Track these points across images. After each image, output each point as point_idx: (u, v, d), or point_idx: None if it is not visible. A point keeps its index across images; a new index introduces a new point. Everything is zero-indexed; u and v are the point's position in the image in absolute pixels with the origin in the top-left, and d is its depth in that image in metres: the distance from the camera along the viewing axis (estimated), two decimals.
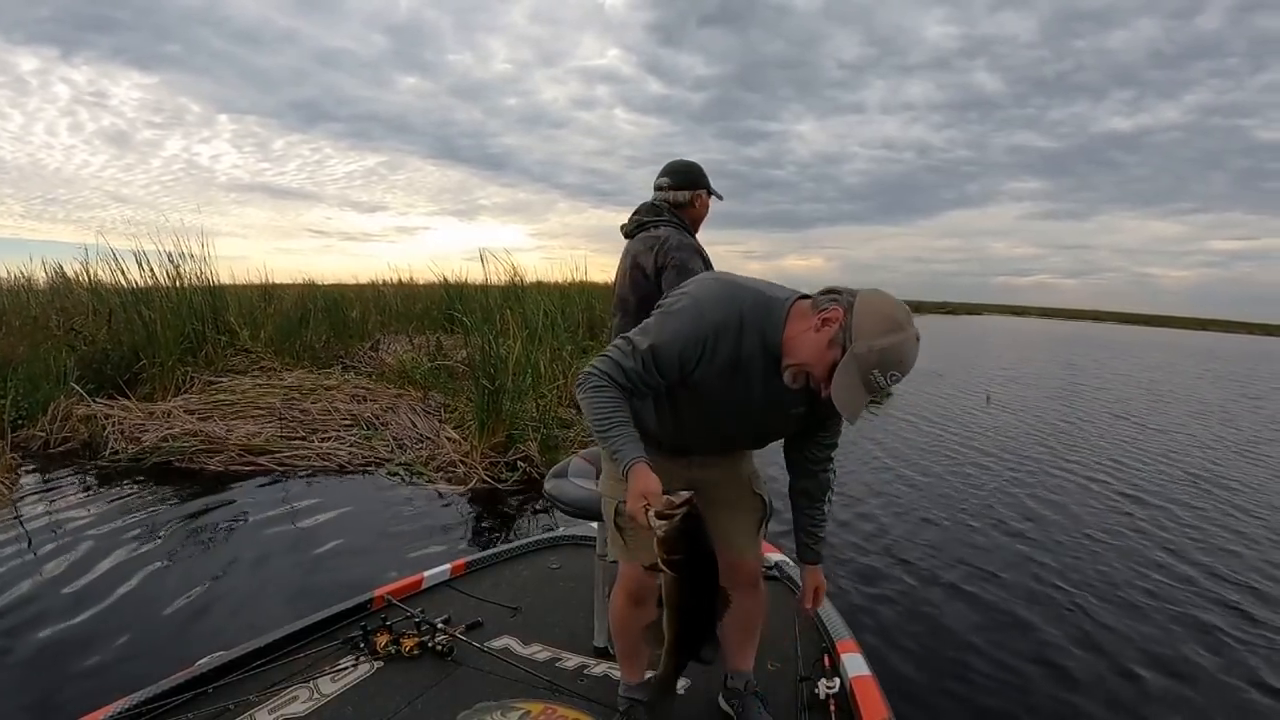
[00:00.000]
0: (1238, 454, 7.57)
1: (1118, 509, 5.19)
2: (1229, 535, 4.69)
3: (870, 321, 1.33)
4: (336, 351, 8.50)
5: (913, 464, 6.34)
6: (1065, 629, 3.29)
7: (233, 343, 7.53)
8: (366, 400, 6.43)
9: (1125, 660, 3.03)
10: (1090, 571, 3.96)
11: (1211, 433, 8.90)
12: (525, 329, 7.14)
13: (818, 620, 2.41)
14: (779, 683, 2.14)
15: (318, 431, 5.59)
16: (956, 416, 8.95)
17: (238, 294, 9.05)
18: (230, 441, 5.11)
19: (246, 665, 2.04)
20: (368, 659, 2.14)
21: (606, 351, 1.50)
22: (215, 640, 2.56)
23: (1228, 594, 3.72)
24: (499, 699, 1.97)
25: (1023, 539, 4.45)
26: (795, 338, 1.43)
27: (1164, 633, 3.29)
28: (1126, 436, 8.25)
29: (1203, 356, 28.07)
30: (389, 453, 5.40)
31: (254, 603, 3.09)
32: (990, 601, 3.54)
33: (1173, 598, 3.65)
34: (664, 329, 1.46)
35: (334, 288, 10.76)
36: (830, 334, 1.36)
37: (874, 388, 1.34)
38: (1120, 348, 30.03)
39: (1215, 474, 6.48)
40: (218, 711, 1.85)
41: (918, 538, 4.39)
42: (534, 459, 5.27)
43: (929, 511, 4.95)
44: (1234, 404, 12.56)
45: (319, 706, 1.91)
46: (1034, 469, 6.31)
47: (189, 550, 3.63)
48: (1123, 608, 3.53)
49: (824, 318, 1.37)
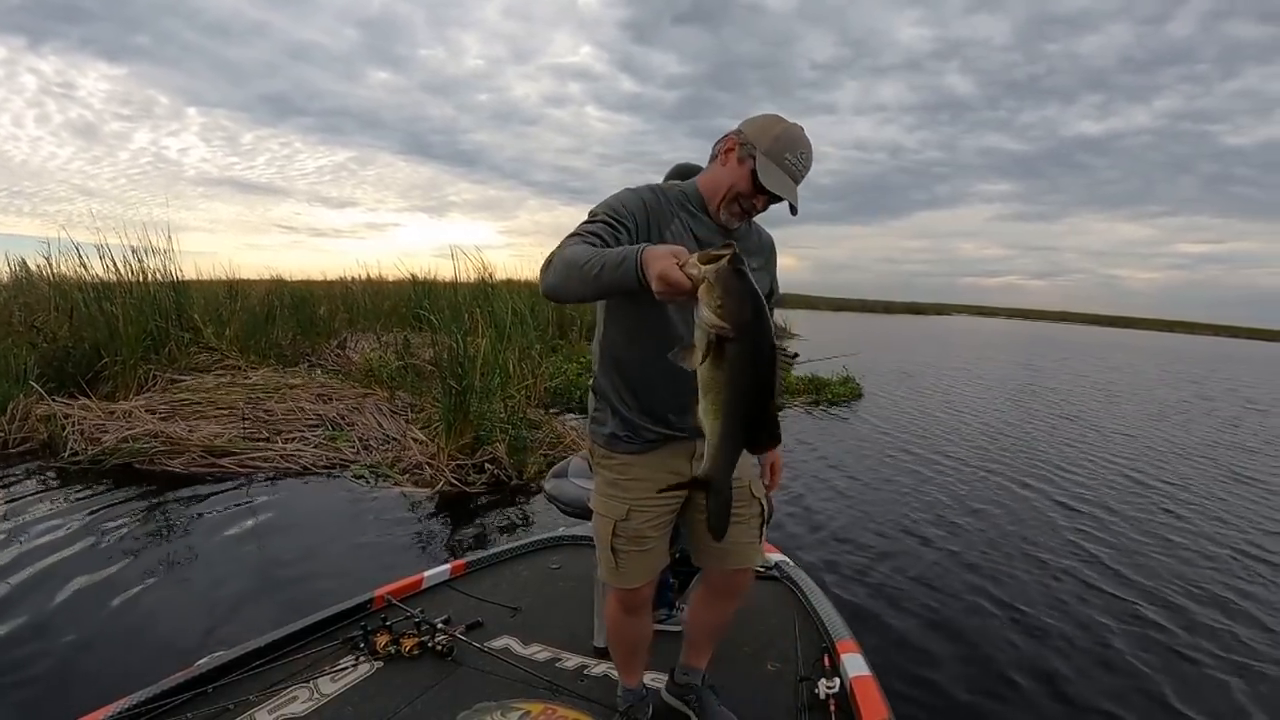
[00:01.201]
0: (1180, 455, 7.80)
1: (1108, 511, 5.36)
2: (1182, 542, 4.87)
3: (758, 127, 1.54)
4: (303, 349, 8.46)
5: (905, 466, 6.45)
6: (1064, 629, 3.33)
7: (196, 340, 7.45)
8: (332, 400, 6.41)
9: (1125, 660, 3.09)
10: (1091, 570, 4.07)
11: (1161, 434, 9.17)
12: (493, 327, 7.12)
13: (817, 620, 2.44)
14: (779, 683, 2.14)
15: (282, 432, 5.57)
16: (932, 418, 9.14)
17: (204, 290, 8.95)
18: (192, 442, 5.08)
19: (246, 665, 2.04)
20: (368, 659, 2.15)
21: (578, 228, 1.48)
22: (170, 650, 2.59)
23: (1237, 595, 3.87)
24: (499, 699, 1.98)
25: (1022, 538, 4.54)
26: (710, 179, 1.60)
27: (1163, 634, 3.36)
28: (1072, 438, 8.48)
29: (1166, 358, 28.78)
30: (354, 454, 5.39)
31: (213, 611, 3.06)
32: (990, 602, 3.58)
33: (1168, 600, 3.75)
34: (603, 203, 1.54)
35: (302, 284, 10.68)
36: (735, 155, 1.54)
37: (794, 173, 1.52)
38: (1082, 348, 30.69)
39: (1153, 475, 6.69)
40: (217, 711, 1.85)
41: (918, 538, 4.46)
42: (502, 461, 5.25)
43: (928, 512, 5.02)
44: (1189, 405, 12.92)
45: (319, 706, 1.92)
46: (1031, 467, 6.48)
47: (146, 556, 3.60)
48: (1121, 607, 3.61)
49: (724, 150, 1.57)
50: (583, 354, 9.50)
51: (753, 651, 2.33)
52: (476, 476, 5.05)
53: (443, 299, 9.23)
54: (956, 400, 11.23)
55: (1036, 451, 7.44)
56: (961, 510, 5.15)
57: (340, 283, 12.04)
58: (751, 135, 1.53)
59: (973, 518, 4.99)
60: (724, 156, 1.56)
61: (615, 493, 1.67)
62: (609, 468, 1.69)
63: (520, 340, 7.47)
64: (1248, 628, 3.46)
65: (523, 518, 4.54)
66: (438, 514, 4.48)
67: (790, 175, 1.52)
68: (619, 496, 1.66)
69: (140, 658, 2.61)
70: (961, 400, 11.28)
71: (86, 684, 2.44)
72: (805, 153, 1.54)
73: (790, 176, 1.52)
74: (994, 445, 7.65)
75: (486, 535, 4.22)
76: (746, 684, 2.13)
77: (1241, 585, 4.01)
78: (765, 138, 1.52)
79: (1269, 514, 5.56)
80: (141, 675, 1.92)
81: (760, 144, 1.52)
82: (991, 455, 7.11)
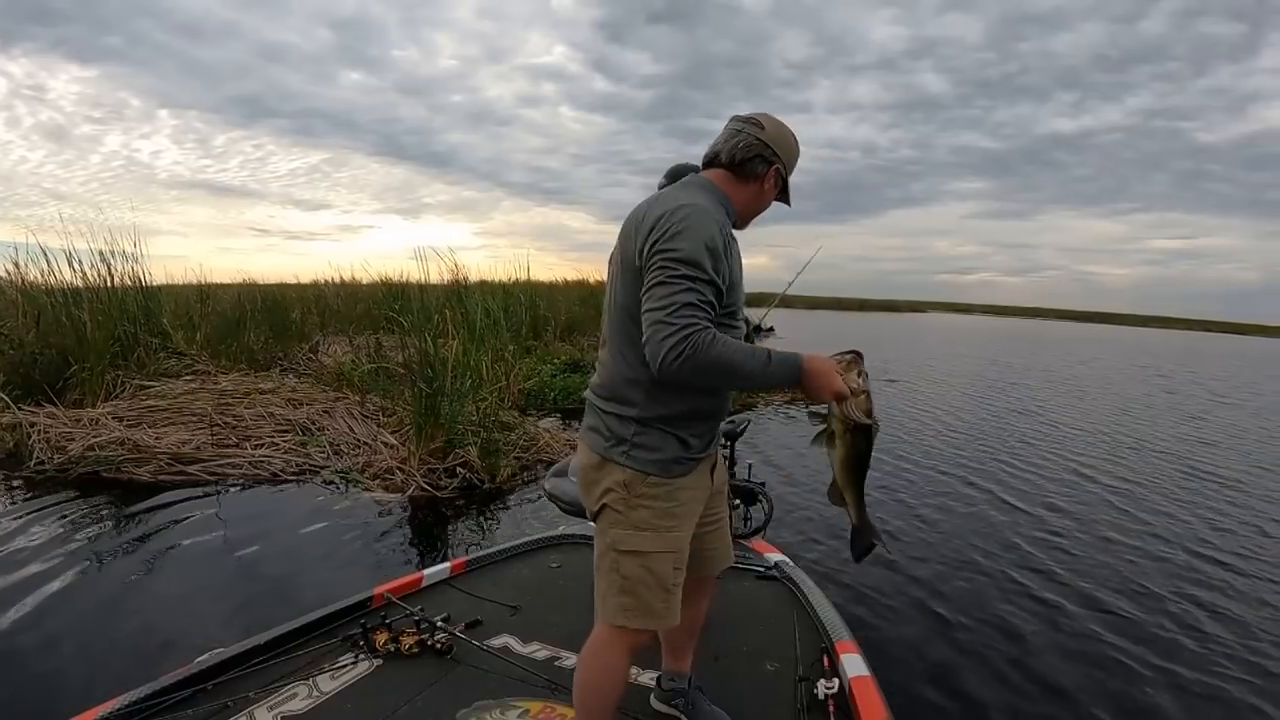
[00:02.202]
0: (1133, 448, 7.98)
1: (1096, 505, 5.46)
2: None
3: (788, 150, 1.62)
4: (275, 353, 8.42)
5: (906, 463, 6.55)
6: (1063, 628, 3.38)
7: (166, 345, 7.40)
8: (303, 404, 6.40)
9: (1123, 659, 3.12)
10: (1092, 569, 4.14)
11: (1119, 426, 9.38)
12: (466, 329, 7.10)
13: (817, 620, 2.44)
14: (778, 683, 2.14)
15: (251, 438, 5.57)
16: (910, 415, 9.28)
17: (175, 294, 8.88)
18: (159, 450, 5.07)
19: (246, 662, 2.04)
20: (367, 657, 2.15)
21: (674, 295, 1.34)
22: (138, 663, 2.57)
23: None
24: (498, 697, 1.98)
25: (1021, 539, 4.61)
26: (751, 201, 1.63)
27: (1162, 633, 3.40)
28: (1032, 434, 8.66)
29: (1135, 352, 29.23)
30: (325, 459, 5.39)
31: (180, 623, 3.04)
32: (989, 602, 3.63)
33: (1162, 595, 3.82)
34: (695, 242, 1.38)
35: (275, 287, 10.62)
36: (774, 181, 1.62)
37: None
38: (1054, 343, 31.09)
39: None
40: (217, 709, 1.86)
41: (916, 539, 4.52)
42: (474, 465, 5.22)
43: (928, 514, 5.08)
44: (1156, 399, 13.18)
45: (318, 704, 1.92)
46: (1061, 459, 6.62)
47: (112, 567, 3.58)
48: (1117, 607, 3.66)
49: (767, 177, 1.60)
50: (556, 355, 9.56)
51: (752, 651, 2.33)
52: (448, 481, 5.04)
53: (415, 301, 9.22)
54: (927, 397, 11.41)
55: (1004, 448, 7.59)
56: (971, 512, 5.20)
57: (313, 286, 12.00)
58: (785, 157, 1.61)
59: (943, 515, 5.09)
60: (767, 183, 1.61)
61: (672, 521, 1.55)
62: (661, 496, 1.53)
63: (493, 342, 7.49)
64: (1237, 631, 3.50)
65: (495, 522, 4.56)
66: (408, 520, 4.47)
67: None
68: (675, 525, 1.56)
69: (108, 671, 2.60)
70: (933, 398, 11.45)
71: (51, 698, 2.44)
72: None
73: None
74: (966, 443, 7.79)
75: (458, 540, 4.21)
76: (746, 684, 2.14)
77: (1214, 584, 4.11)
78: (791, 158, 1.63)
79: (1222, 508, 5.71)
80: (109, 689, 1.92)
81: (790, 165, 1.64)
82: (963, 453, 7.24)
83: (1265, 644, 3.35)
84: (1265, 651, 3.28)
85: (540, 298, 10.33)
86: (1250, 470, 7.15)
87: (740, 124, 1.58)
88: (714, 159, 1.60)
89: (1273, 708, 2.82)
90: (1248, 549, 4.66)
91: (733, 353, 1.34)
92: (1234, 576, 4.18)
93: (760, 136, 1.56)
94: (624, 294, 1.49)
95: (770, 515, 3.29)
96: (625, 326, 1.49)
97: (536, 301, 10.13)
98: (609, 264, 1.61)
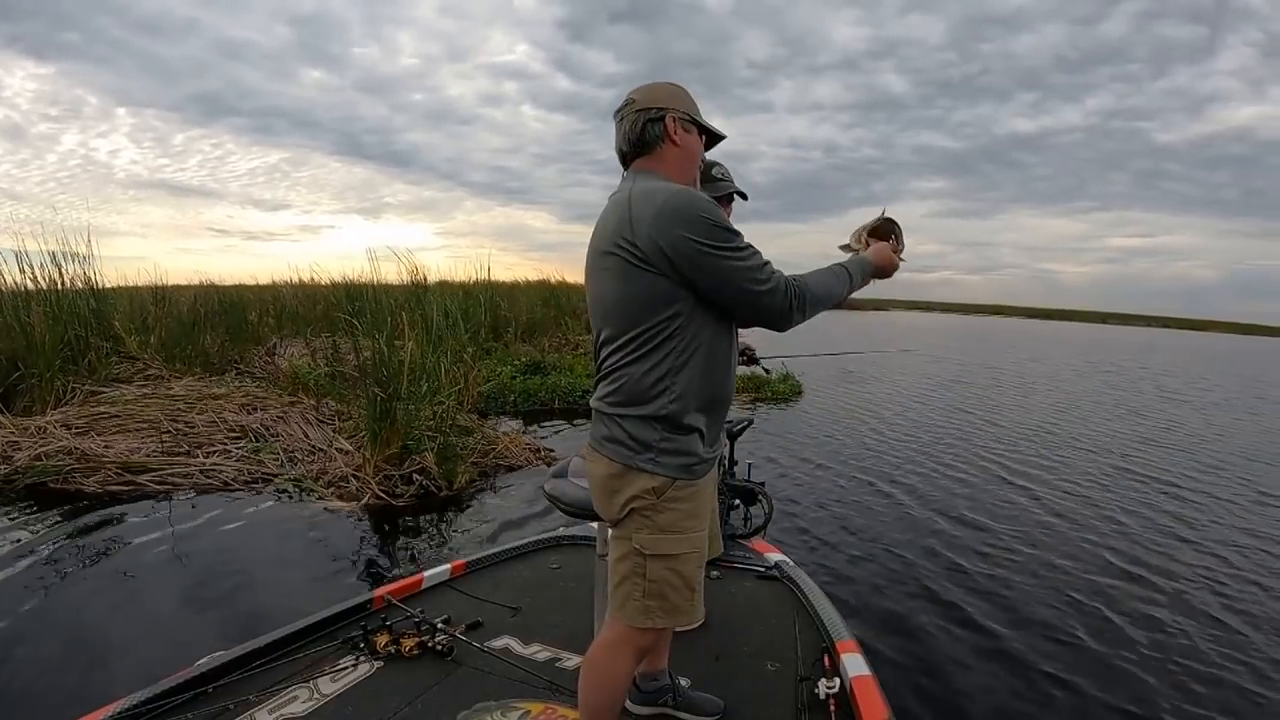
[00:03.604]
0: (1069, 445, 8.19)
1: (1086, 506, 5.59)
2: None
3: (667, 94, 1.60)
4: (231, 357, 8.34)
5: (901, 467, 6.64)
6: (1062, 628, 3.44)
7: (118, 349, 7.31)
8: (257, 410, 6.37)
9: (1122, 658, 3.18)
10: (1089, 567, 4.26)
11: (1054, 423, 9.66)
12: (424, 330, 7.06)
13: (817, 620, 2.45)
14: (779, 683, 2.15)
15: (203, 446, 5.54)
16: (873, 414, 9.49)
17: (130, 296, 8.73)
18: (108, 459, 5.03)
19: (246, 665, 2.05)
20: (368, 659, 2.16)
21: (747, 262, 1.46)
22: (89, 684, 2.55)
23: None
24: (499, 699, 2.00)
25: (1019, 538, 4.74)
26: (683, 160, 1.63)
27: (1163, 634, 3.48)
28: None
29: (1089, 349, 29.87)
30: (278, 467, 5.36)
31: (129, 643, 2.96)
32: (989, 602, 3.69)
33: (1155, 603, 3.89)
34: (714, 212, 1.47)
35: (234, 289, 10.48)
36: (681, 126, 1.60)
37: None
38: (1011, 341, 31.63)
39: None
40: (217, 711, 1.86)
41: (916, 538, 4.59)
42: (431, 471, 5.17)
43: (924, 513, 5.19)
44: (1102, 395, 13.56)
45: (319, 706, 1.93)
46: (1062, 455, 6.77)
47: (58, 584, 3.49)
48: (1113, 606, 3.75)
49: (669, 131, 1.59)
50: (517, 356, 9.58)
51: (752, 651, 2.34)
52: (405, 488, 4.99)
53: (371, 302, 9.12)
54: (890, 395, 11.67)
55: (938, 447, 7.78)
56: (970, 513, 5.27)
57: (272, 287, 11.84)
58: (671, 104, 1.59)
59: (917, 501, 5.17)
60: (676, 135, 1.59)
61: (695, 522, 1.58)
62: (688, 498, 1.56)
63: (452, 343, 7.49)
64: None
65: (453, 531, 4.52)
66: (363, 529, 4.41)
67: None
68: (699, 525, 1.60)
69: (53, 695, 2.56)
70: (874, 396, 11.70)
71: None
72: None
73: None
74: (925, 438, 7.97)
75: (414, 550, 4.17)
76: (746, 684, 2.15)
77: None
78: (678, 101, 1.60)
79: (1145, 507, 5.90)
80: (63, 711, 1.89)
81: (684, 108, 1.60)
82: (926, 449, 7.40)
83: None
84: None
85: (501, 298, 10.31)
86: (1178, 466, 7.38)
87: (619, 114, 1.62)
88: (624, 157, 1.63)
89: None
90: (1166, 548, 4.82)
91: (827, 282, 1.60)
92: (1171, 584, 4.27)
93: (636, 108, 1.59)
94: (627, 287, 1.48)
95: (770, 515, 3.32)
96: (635, 318, 1.49)
97: (497, 302, 10.11)
98: (590, 271, 1.60)
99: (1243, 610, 3.84)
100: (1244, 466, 7.58)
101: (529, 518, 4.75)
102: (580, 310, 11.73)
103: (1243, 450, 8.54)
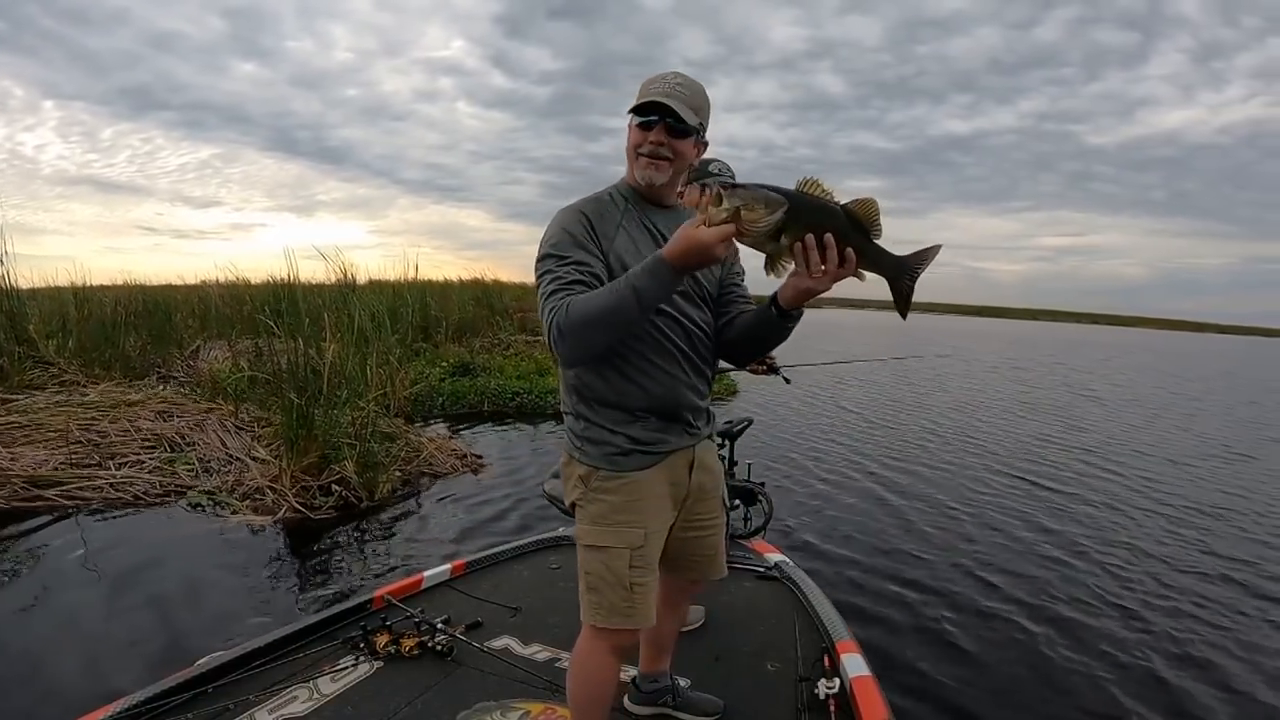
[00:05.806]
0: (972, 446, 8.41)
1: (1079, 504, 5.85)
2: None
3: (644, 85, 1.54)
4: (153, 361, 8.19)
5: (893, 463, 6.81)
6: (1061, 628, 3.49)
7: (32, 354, 7.15)
8: (174, 417, 6.31)
9: (1121, 659, 3.21)
10: (1087, 569, 4.32)
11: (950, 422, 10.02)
12: (350, 332, 6.92)
13: (817, 620, 2.47)
14: (779, 683, 2.16)
15: (115, 456, 5.48)
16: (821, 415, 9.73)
17: (50, 298, 8.49)
18: (13, 473, 4.96)
19: (246, 665, 2.08)
20: (368, 659, 2.18)
21: (546, 283, 1.42)
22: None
23: None
24: (499, 699, 2.01)
25: (1020, 537, 4.83)
26: (628, 158, 1.58)
27: (1164, 634, 3.51)
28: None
29: (1012, 344, 30.38)
30: (193, 479, 5.30)
31: (25, 675, 2.82)
32: (988, 601, 3.73)
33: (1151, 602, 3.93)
34: (547, 242, 1.47)
35: (161, 289, 10.24)
36: (628, 124, 1.55)
37: (662, 91, 1.49)
38: (924, 338, 32.04)
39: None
40: (218, 711, 1.88)
41: (916, 538, 4.68)
42: (351, 481, 5.03)
43: (924, 513, 5.27)
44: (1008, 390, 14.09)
45: (319, 706, 1.95)
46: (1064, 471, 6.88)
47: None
48: (1111, 606, 3.79)
49: (633, 141, 1.55)
50: (446, 357, 9.55)
51: (753, 651, 2.36)
52: (323, 499, 4.85)
53: (289, 302, 8.93)
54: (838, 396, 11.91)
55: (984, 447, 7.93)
56: (968, 512, 5.36)
57: (199, 287, 11.58)
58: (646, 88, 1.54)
59: (978, 518, 5.23)
60: (632, 148, 1.57)
61: (627, 517, 1.54)
62: (614, 490, 1.54)
63: (379, 345, 7.40)
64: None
65: (374, 544, 4.43)
66: (277, 547, 4.26)
67: (659, 94, 1.48)
68: (633, 520, 1.54)
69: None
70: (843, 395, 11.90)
71: None
72: (669, 76, 1.52)
73: (659, 95, 1.48)
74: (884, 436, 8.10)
75: (330, 567, 4.04)
76: (747, 684, 2.16)
77: None
78: (656, 85, 1.52)
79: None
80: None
81: (655, 91, 1.51)
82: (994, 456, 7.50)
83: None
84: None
85: (432, 297, 10.24)
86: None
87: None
88: None
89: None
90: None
91: (590, 300, 1.33)
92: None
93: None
94: None
95: (770, 515, 3.36)
96: None
97: (428, 301, 10.05)
98: None
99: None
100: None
101: (453, 528, 4.72)
102: (512, 310, 11.73)
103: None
